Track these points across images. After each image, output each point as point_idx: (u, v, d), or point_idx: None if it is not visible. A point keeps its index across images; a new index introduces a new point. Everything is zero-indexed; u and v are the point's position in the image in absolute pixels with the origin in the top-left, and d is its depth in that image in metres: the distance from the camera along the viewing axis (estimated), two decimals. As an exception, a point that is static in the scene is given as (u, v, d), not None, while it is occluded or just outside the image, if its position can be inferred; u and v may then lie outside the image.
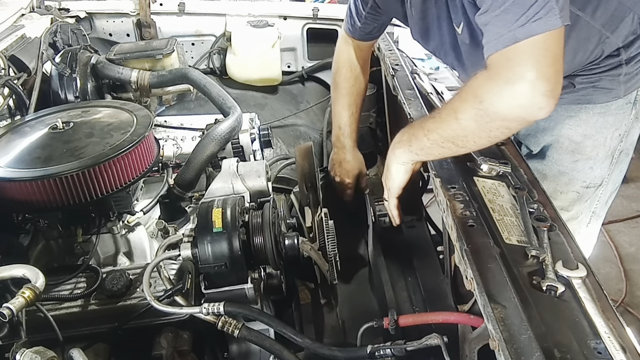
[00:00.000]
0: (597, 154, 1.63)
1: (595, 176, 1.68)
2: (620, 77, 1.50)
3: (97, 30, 2.88)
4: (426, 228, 2.33)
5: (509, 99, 1.07)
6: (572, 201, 1.73)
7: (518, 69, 1.05)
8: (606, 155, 1.65)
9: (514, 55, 1.05)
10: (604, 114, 1.58)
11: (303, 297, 1.67)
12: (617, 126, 1.61)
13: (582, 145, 1.62)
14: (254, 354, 1.44)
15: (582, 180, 1.66)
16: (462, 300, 1.36)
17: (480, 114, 1.12)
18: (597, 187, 1.70)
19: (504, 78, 1.07)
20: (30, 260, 1.49)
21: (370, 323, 1.25)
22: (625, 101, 1.58)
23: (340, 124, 2.01)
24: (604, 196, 1.76)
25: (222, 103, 1.88)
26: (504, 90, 1.07)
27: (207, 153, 1.66)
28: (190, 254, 1.27)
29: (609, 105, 1.58)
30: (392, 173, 1.43)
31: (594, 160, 1.64)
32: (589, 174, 1.65)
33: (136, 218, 1.59)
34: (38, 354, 0.98)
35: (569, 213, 1.74)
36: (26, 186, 1.38)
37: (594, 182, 1.69)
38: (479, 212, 1.16)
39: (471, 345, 1.09)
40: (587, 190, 1.70)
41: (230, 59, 2.80)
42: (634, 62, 1.49)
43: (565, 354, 0.84)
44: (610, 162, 1.67)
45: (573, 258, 1.05)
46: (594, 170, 1.66)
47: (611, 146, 1.64)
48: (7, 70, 2.02)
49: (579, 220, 1.79)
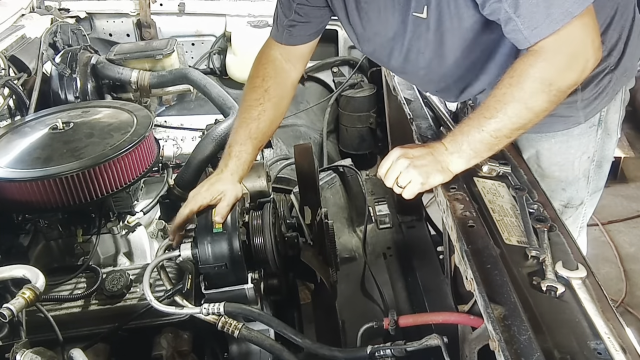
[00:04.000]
0: (566, 177, 1.59)
1: (571, 197, 1.63)
2: (577, 103, 1.44)
3: (97, 30, 2.88)
4: (426, 228, 2.33)
5: (578, 70, 1.16)
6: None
7: (580, 43, 1.14)
8: (576, 177, 1.59)
9: (573, 31, 1.12)
10: (566, 141, 1.53)
11: (303, 297, 1.67)
12: (583, 150, 1.55)
13: (549, 170, 1.57)
14: (254, 354, 1.44)
15: (559, 200, 1.61)
16: (462, 300, 1.36)
17: (553, 93, 1.17)
18: (576, 207, 1.65)
19: (569, 54, 1.15)
20: (30, 261, 1.49)
21: (370, 323, 1.25)
22: (589, 125, 1.51)
23: (231, 142, 1.48)
24: (589, 210, 1.71)
25: (222, 103, 1.88)
26: (573, 64, 1.16)
27: (207, 153, 1.66)
28: (190, 255, 1.27)
29: (571, 132, 1.51)
30: (434, 182, 1.26)
31: (565, 183, 1.60)
32: (563, 194, 1.61)
33: (136, 218, 1.59)
34: (38, 354, 0.98)
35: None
36: (26, 186, 1.38)
37: (572, 202, 1.64)
38: (479, 212, 1.16)
39: (471, 346, 1.09)
40: (567, 210, 1.65)
41: (230, 59, 2.80)
42: (590, 87, 1.42)
43: (565, 355, 0.84)
44: (587, 182, 1.62)
45: (573, 258, 1.05)
46: (567, 191, 1.61)
47: (581, 169, 1.58)
48: (7, 70, 2.02)
49: None
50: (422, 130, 1.51)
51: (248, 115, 1.49)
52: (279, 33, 1.55)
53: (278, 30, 1.55)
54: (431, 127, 1.52)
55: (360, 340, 1.26)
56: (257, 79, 1.54)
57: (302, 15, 1.50)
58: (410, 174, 1.24)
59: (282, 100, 1.55)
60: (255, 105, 1.50)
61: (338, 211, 2.30)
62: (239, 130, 1.48)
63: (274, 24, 1.57)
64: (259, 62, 1.58)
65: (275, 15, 1.56)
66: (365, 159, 2.83)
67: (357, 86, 2.77)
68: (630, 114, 4.51)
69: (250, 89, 1.53)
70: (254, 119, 1.48)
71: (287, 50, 1.56)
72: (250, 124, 1.48)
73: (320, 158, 2.67)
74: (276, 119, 1.54)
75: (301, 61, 1.61)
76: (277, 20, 1.55)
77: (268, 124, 1.50)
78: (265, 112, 1.49)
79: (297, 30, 1.53)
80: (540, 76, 1.16)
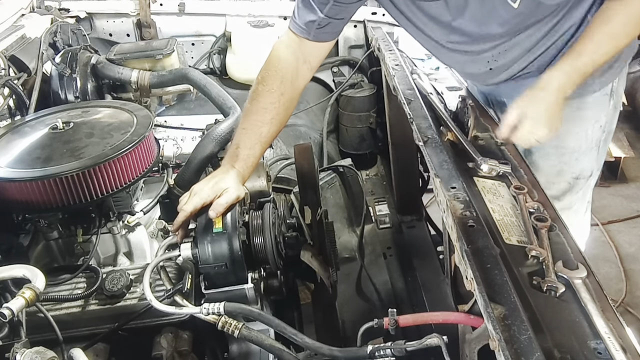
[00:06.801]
0: (580, 147, 1.69)
1: (582, 168, 1.73)
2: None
3: (97, 30, 2.88)
4: (426, 228, 2.34)
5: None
6: (563, 191, 1.78)
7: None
8: (589, 147, 1.70)
9: None
10: (582, 108, 1.62)
11: (303, 297, 1.67)
12: (596, 118, 1.65)
13: (564, 140, 1.65)
14: (254, 354, 1.44)
15: (570, 172, 1.71)
16: (462, 300, 1.36)
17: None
18: (587, 178, 1.76)
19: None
20: (30, 261, 1.49)
21: (370, 323, 1.24)
22: (602, 94, 1.62)
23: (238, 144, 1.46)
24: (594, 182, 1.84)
25: (222, 103, 1.88)
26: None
27: (207, 153, 1.66)
28: (190, 254, 1.27)
29: (586, 100, 1.61)
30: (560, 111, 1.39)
31: (578, 153, 1.70)
32: (575, 165, 1.71)
33: (136, 218, 1.59)
34: (38, 354, 0.98)
35: (561, 203, 1.78)
36: (26, 186, 1.38)
37: (583, 174, 1.74)
38: (479, 212, 1.16)
39: (471, 346, 1.09)
40: (577, 182, 1.75)
41: (230, 59, 2.80)
42: None
43: (565, 354, 0.84)
44: (597, 152, 1.73)
45: (573, 258, 1.05)
46: (580, 162, 1.71)
47: (594, 138, 1.69)
48: (7, 70, 2.02)
49: (574, 210, 1.85)
50: (422, 130, 1.51)
51: (261, 118, 1.47)
52: (306, 29, 1.52)
53: (305, 26, 1.52)
54: (431, 127, 1.52)
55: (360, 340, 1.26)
56: (274, 82, 1.50)
57: (338, 11, 1.49)
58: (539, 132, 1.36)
59: (293, 102, 1.56)
60: (270, 109, 1.48)
61: (338, 211, 2.31)
62: (250, 132, 1.46)
63: (298, 19, 1.53)
64: (277, 62, 1.53)
65: (300, 12, 1.52)
66: (365, 159, 2.83)
67: (357, 86, 2.77)
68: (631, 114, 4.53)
69: (267, 91, 1.50)
70: (266, 123, 1.47)
71: (310, 47, 1.54)
72: (261, 127, 1.46)
73: (320, 158, 2.67)
74: (285, 121, 1.54)
75: (319, 59, 1.61)
76: (304, 16, 1.51)
77: (278, 128, 1.51)
78: (278, 116, 1.49)
79: (331, 27, 1.53)
80: (632, 12, 1.35)
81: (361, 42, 2.80)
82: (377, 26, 2.55)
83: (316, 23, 1.50)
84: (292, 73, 1.53)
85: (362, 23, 2.71)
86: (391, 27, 2.48)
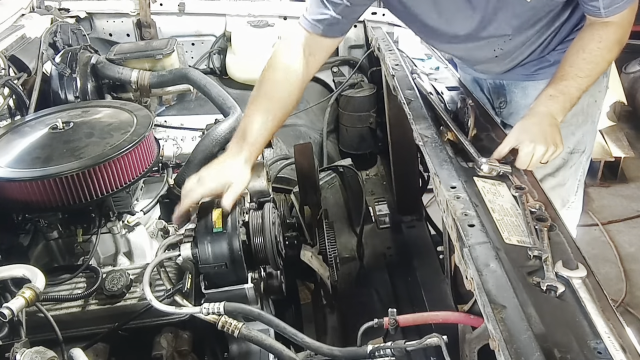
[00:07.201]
0: (576, 120, 1.77)
1: (577, 141, 1.82)
2: None
3: (97, 30, 2.88)
4: (426, 228, 2.33)
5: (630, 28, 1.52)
6: (557, 167, 1.84)
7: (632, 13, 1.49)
8: (585, 120, 1.80)
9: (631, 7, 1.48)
10: None
11: (303, 297, 1.67)
12: (591, 94, 1.72)
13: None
14: (254, 354, 1.44)
15: (566, 146, 1.72)
16: (462, 300, 1.36)
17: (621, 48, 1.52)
18: (581, 153, 1.85)
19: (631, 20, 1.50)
20: (30, 260, 1.49)
21: (370, 323, 1.25)
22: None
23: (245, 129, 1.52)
24: (586, 163, 1.93)
25: (222, 103, 1.88)
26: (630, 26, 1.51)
27: (207, 153, 1.66)
28: (190, 254, 1.27)
29: None
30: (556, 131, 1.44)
31: (574, 127, 1.78)
32: (571, 139, 1.79)
33: (136, 218, 1.59)
34: (38, 354, 0.98)
35: (555, 179, 1.85)
36: (26, 186, 1.38)
37: (578, 147, 1.83)
38: (479, 212, 1.16)
39: (471, 345, 1.10)
40: (571, 156, 1.84)
41: (230, 59, 2.80)
42: None
43: (565, 354, 0.84)
44: (592, 127, 1.84)
45: (573, 258, 1.05)
46: (575, 135, 1.80)
47: (589, 112, 1.80)
48: (7, 70, 2.02)
49: (567, 187, 1.91)
50: (422, 130, 1.51)
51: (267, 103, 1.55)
52: (316, 25, 1.58)
53: (316, 22, 1.58)
54: (431, 127, 1.52)
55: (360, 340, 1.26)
56: (281, 69, 1.58)
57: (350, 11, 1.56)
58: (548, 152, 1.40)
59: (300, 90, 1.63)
60: (278, 96, 1.56)
61: (338, 211, 2.31)
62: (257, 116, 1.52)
63: (308, 16, 1.59)
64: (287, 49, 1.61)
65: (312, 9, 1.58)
66: (365, 159, 2.83)
67: (357, 86, 2.77)
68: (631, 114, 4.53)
69: (274, 77, 1.57)
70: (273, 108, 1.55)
71: (318, 41, 1.60)
72: (268, 113, 1.53)
73: (320, 158, 2.67)
74: (291, 109, 1.62)
75: (325, 55, 1.68)
76: (316, 13, 1.57)
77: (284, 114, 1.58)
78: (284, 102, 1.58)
79: (340, 26, 1.59)
80: (614, 39, 1.49)
81: (361, 42, 2.80)
82: (377, 26, 2.55)
83: (327, 21, 1.56)
84: (300, 62, 1.59)
85: (362, 23, 2.71)
86: (391, 27, 2.48)
